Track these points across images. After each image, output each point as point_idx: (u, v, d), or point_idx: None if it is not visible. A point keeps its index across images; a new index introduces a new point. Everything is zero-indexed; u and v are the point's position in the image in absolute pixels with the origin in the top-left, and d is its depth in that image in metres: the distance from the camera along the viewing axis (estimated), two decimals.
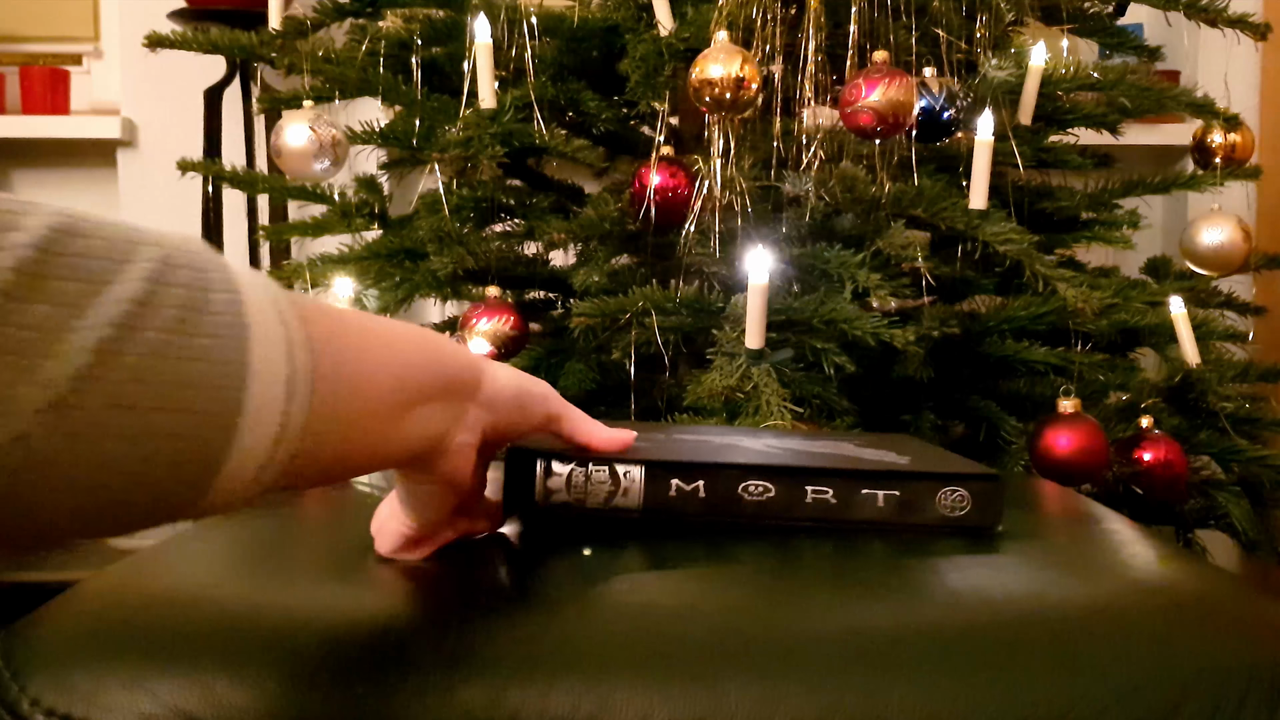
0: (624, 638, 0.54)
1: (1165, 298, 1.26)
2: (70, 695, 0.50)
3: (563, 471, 0.66)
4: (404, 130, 1.28)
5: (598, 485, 0.66)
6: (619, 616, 0.56)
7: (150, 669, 0.51)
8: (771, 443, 0.78)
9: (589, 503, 0.66)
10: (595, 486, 0.66)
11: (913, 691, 0.51)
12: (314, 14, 1.32)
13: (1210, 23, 1.32)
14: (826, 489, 0.68)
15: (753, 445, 0.76)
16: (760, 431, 0.87)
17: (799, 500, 0.68)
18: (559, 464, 0.66)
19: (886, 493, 0.69)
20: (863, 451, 0.76)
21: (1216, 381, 1.24)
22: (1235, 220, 1.39)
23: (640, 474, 0.66)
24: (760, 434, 0.83)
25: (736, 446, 0.74)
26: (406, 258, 1.31)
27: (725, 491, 0.67)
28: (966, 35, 1.22)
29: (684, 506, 0.67)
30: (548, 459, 0.66)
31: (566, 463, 0.66)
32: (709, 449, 0.73)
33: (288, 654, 0.52)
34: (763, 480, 0.68)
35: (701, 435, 0.80)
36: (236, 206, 2.14)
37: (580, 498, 0.66)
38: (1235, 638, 0.56)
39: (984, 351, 1.24)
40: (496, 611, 0.53)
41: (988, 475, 0.70)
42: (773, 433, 0.86)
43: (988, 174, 1.13)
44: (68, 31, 2.44)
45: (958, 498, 0.70)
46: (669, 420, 1.10)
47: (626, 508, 0.67)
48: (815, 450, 0.75)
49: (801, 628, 0.55)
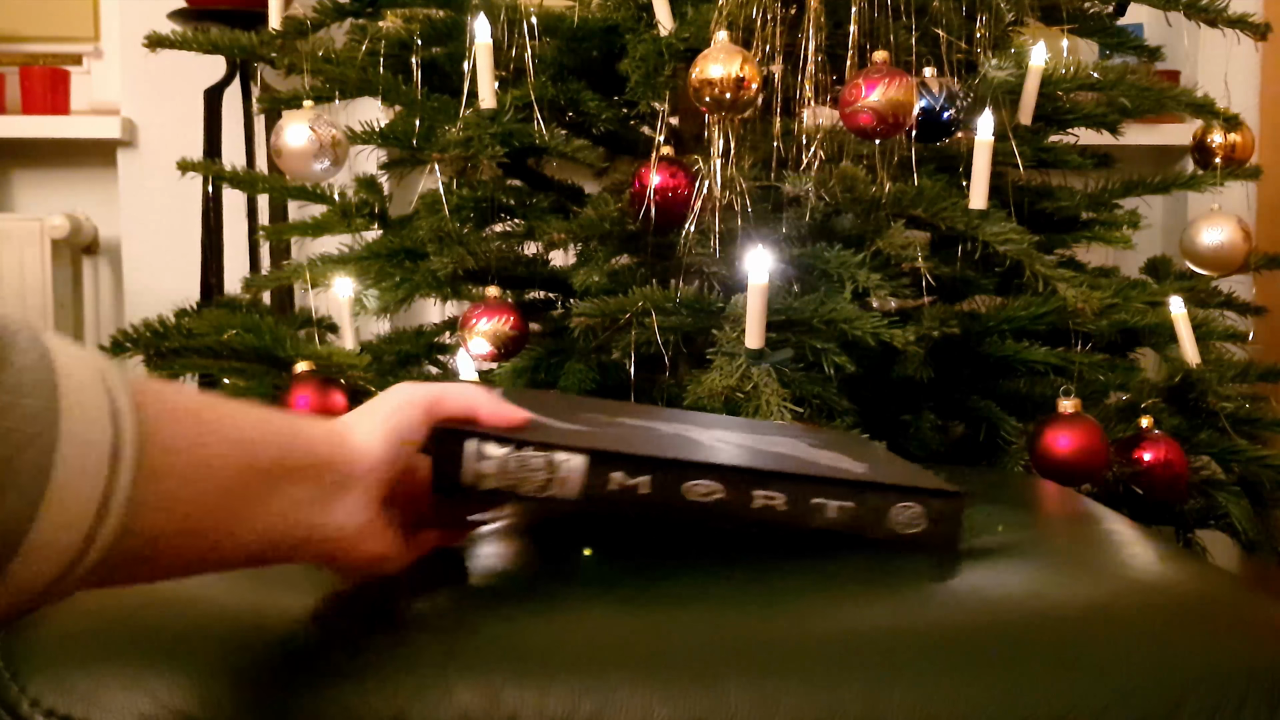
0: (624, 638, 0.54)
1: (1165, 298, 1.26)
2: (70, 695, 0.50)
3: (497, 454, 0.59)
4: (404, 130, 1.28)
5: (532, 472, 0.60)
6: (618, 616, 0.56)
7: (149, 669, 0.51)
8: (723, 436, 0.72)
9: (521, 490, 0.60)
10: (530, 474, 0.60)
11: (913, 691, 0.51)
12: (314, 14, 1.32)
13: (1210, 23, 1.32)
14: (777, 494, 0.64)
15: (703, 438, 0.70)
16: (711, 420, 0.81)
17: (746, 505, 0.63)
18: (494, 446, 0.59)
19: (840, 503, 0.65)
20: (818, 454, 0.71)
21: (1216, 381, 1.24)
22: (1235, 220, 1.39)
23: (582, 464, 0.60)
24: (710, 424, 0.77)
25: (686, 439, 0.69)
26: (406, 258, 1.31)
27: (670, 490, 0.62)
28: (966, 35, 1.22)
29: (625, 500, 0.61)
30: (480, 440, 0.59)
31: (502, 445, 0.59)
32: (658, 439, 0.67)
33: (287, 655, 0.52)
34: (712, 480, 0.63)
35: (651, 421, 0.74)
36: (236, 207, 2.14)
37: (512, 484, 0.60)
38: (1235, 638, 0.56)
39: (984, 351, 1.24)
40: (495, 612, 0.53)
41: (949, 492, 0.66)
42: (724, 422, 0.80)
43: (988, 174, 1.13)
44: (68, 31, 2.44)
45: (914, 514, 0.65)
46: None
47: (564, 498, 0.61)
48: (769, 450, 0.70)
49: (801, 628, 0.55)
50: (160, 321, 1.16)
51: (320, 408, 1.13)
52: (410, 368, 1.39)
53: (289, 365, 1.16)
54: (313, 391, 1.13)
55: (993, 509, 0.76)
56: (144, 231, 2.32)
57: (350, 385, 1.17)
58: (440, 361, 1.43)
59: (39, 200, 2.44)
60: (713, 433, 0.73)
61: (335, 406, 1.14)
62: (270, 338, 1.17)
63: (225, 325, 1.19)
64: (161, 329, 1.15)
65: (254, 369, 1.20)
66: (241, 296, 1.51)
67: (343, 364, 1.16)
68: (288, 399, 1.13)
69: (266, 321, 1.21)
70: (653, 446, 0.64)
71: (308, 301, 1.54)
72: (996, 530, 0.71)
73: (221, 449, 0.47)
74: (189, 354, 1.16)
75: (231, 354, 1.17)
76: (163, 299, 1.58)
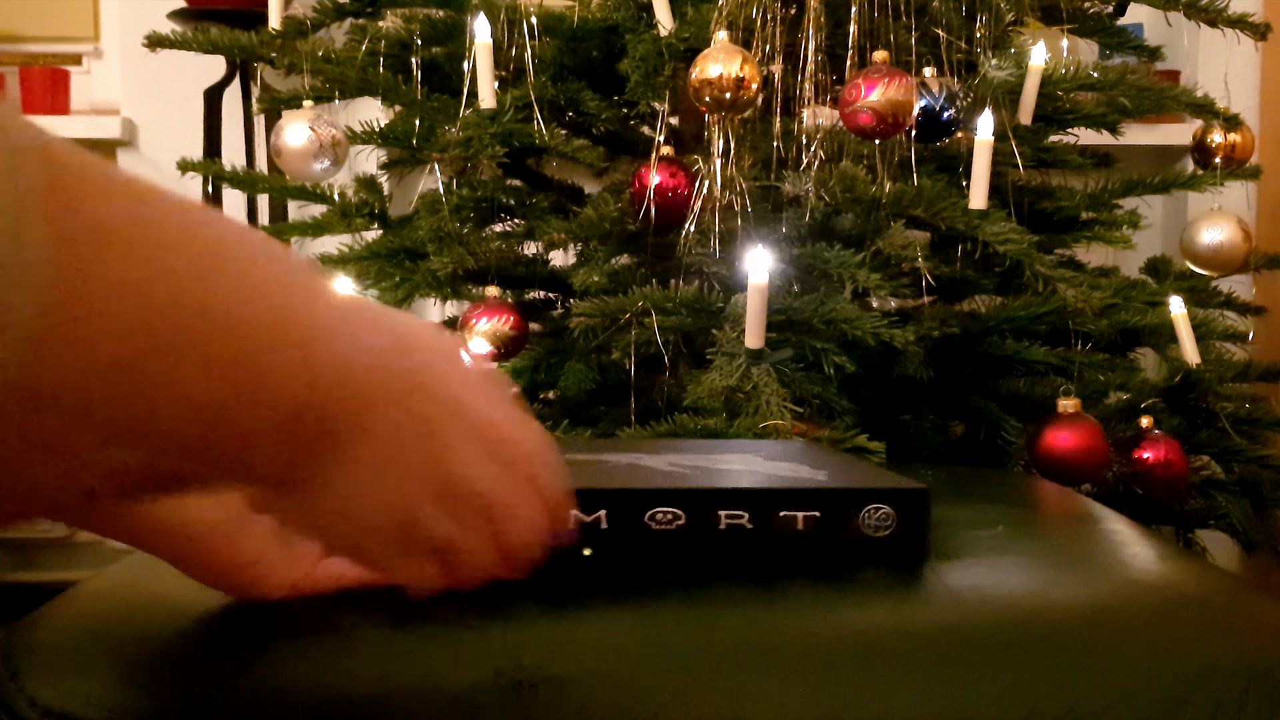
0: (623, 638, 0.54)
1: (1165, 298, 1.26)
2: (69, 695, 0.50)
3: None
4: (404, 130, 1.28)
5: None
6: (618, 617, 0.56)
7: (149, 670, 0.51)
8: (677, 460, 0.70)
9: None
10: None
11: (913, 691, 0.51)
12: (314, 14, 1.32)
13: (1210, 23, 1.32)
14: (741, 512, 0.61)
15: (657, 465, 0.68)
16: (663, 445, 0.78)
17: (714, 527, 0.61)
18: None
19: (807, 514, 0.62)
20: (775, 467, 0.69)
21: (1216, 381, 1.24)
22: (1235, 220, 1.39)
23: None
24: (663, 450, 0.75)
25: (640, 468, 0.67)
26: (406, 257, 1.31)
27: (632, 522, 0.60)
28: (966, 35, 1.22)
29: (590, 538, 0.59)
30: None
31: None
32: (609, 473, 0.65)
33: (286, 655, 0.52)
34: (672, 507, 0.60)
35: (601, 455, 0.72)
36: (236, 207, 2.14)
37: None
38: (1236, 638, 0.56)
39: (984, 351, 1.24)
40: (494, 613, 0.53)
41: (914, 490, 0.63)
42: (676, 446, 0.78)
43: (988, 174, 1.13)
44: (67, 31, 2.44)
45: (882, 516, 0.63)
46: (647, 427, 1.08)
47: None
48: (725, 469, 0.68)
49: (801, 627, 0.55)
50: None
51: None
52: None
53: None
54: None
55: (993, 509, 0.76)
56: None
57: None
58: None
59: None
60: (665, 458, 0.71)
61: None
62: None
63: None
64: None
65: None
66: None
67: None
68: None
69: None
70: (604, 480, 0.63)
71: None
72: (996, 530, 0.71)
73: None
74: None
75: None
76: None
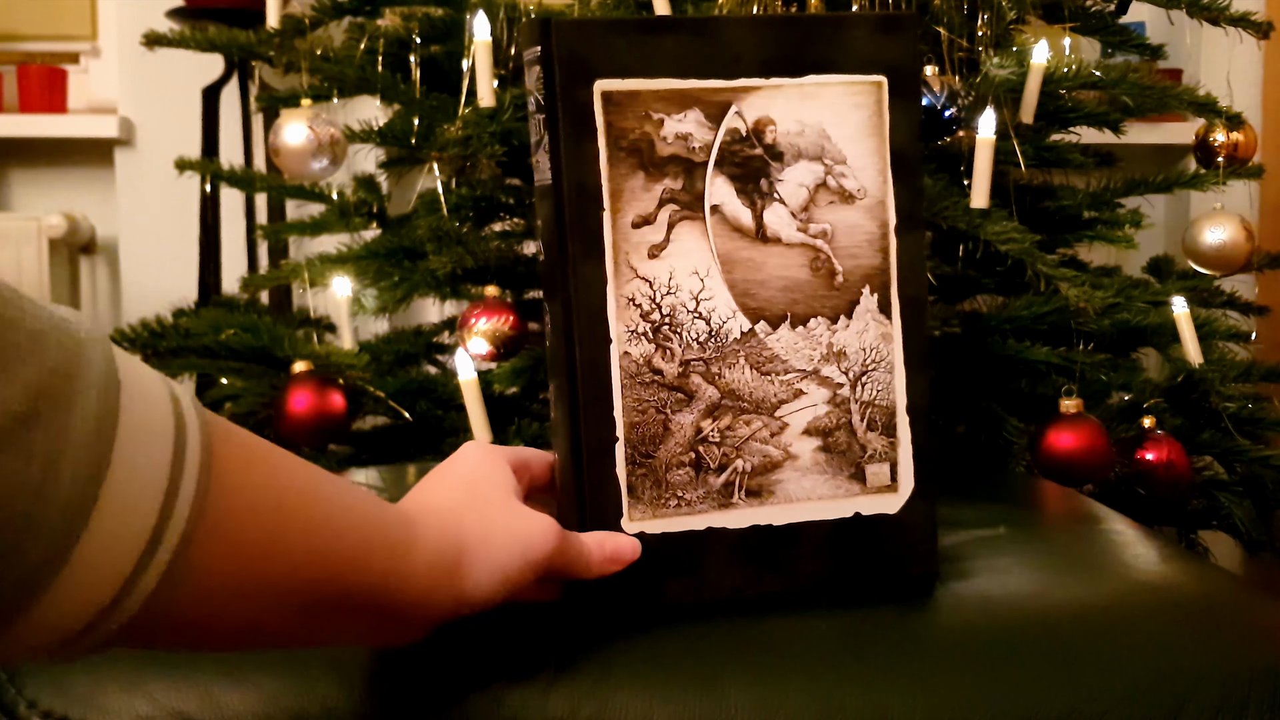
0: (624, 639, 0.53)
1: (1168, 297, 1.26)
2: (67, 697, 0.50)
3: None
4: (403, 129, 1.27)
5: None
6: (618, 618, 0.56)
7: (148, 671, 0.51)
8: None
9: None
10: None
11: (913, 691, 0.50)
12: (312, 12, 1.32)
13: (1213, 21, 1.32)
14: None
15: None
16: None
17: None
18: None
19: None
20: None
21: (1219, 381, 1.24)
22: (1238, 219, 1.38)
23: None
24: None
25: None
26: (405, 257, 1.31)
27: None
28: (968, 33, 1.22)
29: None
30: None
31: None
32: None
33: (285, 656, 0.51)
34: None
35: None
36: (234, 206, 2.14)
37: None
38: (1238, 639, 0.55)
39: (986, 351, 1.24)
40: (493, 614, 0.53)
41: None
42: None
43: (989, 173, 1.12)
44: (65, 30, 2.44)
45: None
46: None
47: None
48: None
49: (801, 628, 0.55)
50: (158, 321, 1.16)
51: (318, 408, 1.13)
52: (409, 367, 1.38)
53: (287, 365, 1.16)
54: (311, 392, 1.13)
55: (995, 509, 0.76)
56: (141, 231, 2.32)
57: (349, 385, 1.17)
58: (439, 361, 1.42)
59: (36, 199, 2.44)
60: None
61: (333, 406, 1.14)
62: (268, 337, 1.17)
63: (223, 325, 1.19)
64: (159, 329, 1.15)
65: (252, 369, 1.19)
66: (239, 296, 1.51)
67: (341, 364, 1.16)
68: (287, 400, 1.13)
69: (264, 321, 1.21)
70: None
71: (306, 301, 1.53)
72: (998, 530, 0.71)
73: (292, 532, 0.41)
74: (186, 354, 1.16)
75: (229, 354, 1.16)
76: (160, 298, 1.58)
